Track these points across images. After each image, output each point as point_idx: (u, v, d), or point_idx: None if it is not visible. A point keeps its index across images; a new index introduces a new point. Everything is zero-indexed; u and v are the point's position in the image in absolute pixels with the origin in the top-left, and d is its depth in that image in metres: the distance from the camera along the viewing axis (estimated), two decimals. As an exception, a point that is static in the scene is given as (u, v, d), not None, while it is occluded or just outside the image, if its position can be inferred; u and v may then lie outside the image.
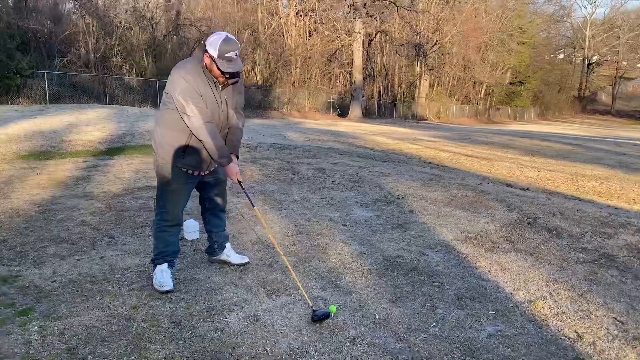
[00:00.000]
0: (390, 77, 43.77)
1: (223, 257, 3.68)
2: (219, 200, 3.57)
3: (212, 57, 2.99)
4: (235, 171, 3.24)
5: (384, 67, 42.94)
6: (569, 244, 4.34)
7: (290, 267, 3.30)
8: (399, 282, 3.47)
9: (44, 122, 10.66)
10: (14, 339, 2.62)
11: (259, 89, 31.13)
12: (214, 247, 3.68)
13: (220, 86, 3.14)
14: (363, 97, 38.28)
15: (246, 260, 3.71)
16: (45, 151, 7.84)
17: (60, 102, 21.03)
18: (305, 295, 3.12)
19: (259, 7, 34.02)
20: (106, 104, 21.46)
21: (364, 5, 31.92)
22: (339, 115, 34.36)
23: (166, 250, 3.35)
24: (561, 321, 2.98)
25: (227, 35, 2.99)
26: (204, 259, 3.79)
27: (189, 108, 3.01)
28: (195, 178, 3.34)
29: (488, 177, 8.07)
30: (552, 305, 3.17)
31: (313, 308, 3.01)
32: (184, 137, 3.15)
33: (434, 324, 2.91)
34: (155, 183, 3.42)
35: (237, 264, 3.67)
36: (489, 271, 3.70)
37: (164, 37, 26.93)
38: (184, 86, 3.00)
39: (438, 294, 3.30)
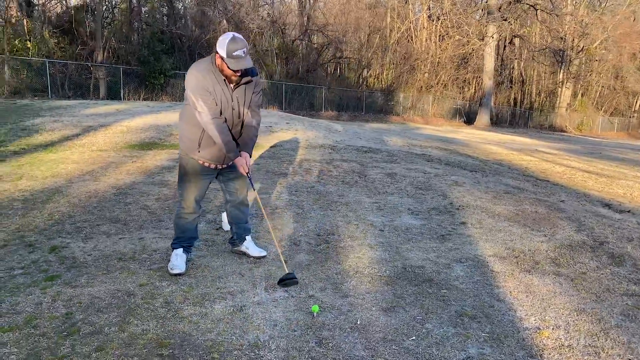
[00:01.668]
0: (527, 84, 41.11)
1: (243, 248, 3.84)
2: (239, 194, 3.72)
3: (222, 58, 3.15)
4: (241, 163, 3.37)
5: (521, 73, 40.44)
6: (626, 273, 3.81)
7: (271, 230, 3.36)
8: (404, 292, 3.34)
9: (165, 117, 11.80)
10: (31, 299, 3.02)
11: (382, 93, 31.17)
12: (234, 239, 3.86)
13: (232, 85, 3.29)
14: (494, 104, 36.45)
15: (264, 254, 3.83)
16: (151, 142, 8.71)
17: (196, 100, 23.01)
18: (282, 259, 3.25)
19: (388, 12, 34.05)
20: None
21: (499, 8, 30.38)
22: (465, 122, 33.14)
23: (183, 236, 3.60)
24: (560, 354, 2.66)
25: (234, 35, 3.13)
26: (228, 248, 3.98)
27: (199, 104, 3.21)
28: (211, 171, 3.53)
29: (586, 195, 7.29)
30: (560, 336, 2.84)
31: (288, 272, 3.22)
32: (199, 132, 3.36)
33: (414, 337, 2.78)
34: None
35: (254, 257, 3.80)
36: (510, 292, 3.40)
37: (293, 42, 28.16)
38: (194, 83, 3.20)
39: (437, 309, 3.12)
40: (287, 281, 3.22)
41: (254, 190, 3.59)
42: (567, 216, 5.29)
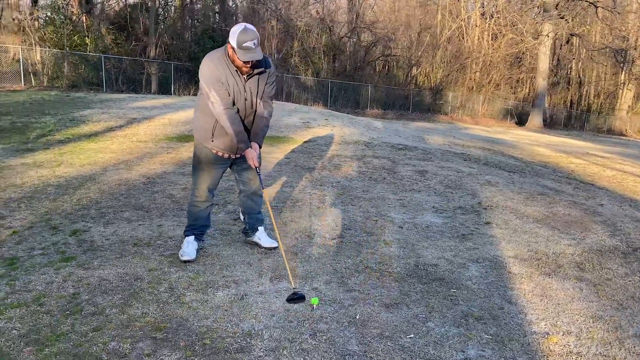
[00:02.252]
0: (585, 85, 39.40)
1: (255, 239, 3.86)
2: (252, 184, 3.74)
3: (233, 48, 3.16)
4: (251, 156, 3.39)
5: (579, 74, 38.79)
6: (657, 282, 3.56)
7: (277, 231, 3.34)
8: (411, 290, 3.25)
9: (206, 111, 12.02)
10: (43, 279, 3.13)
11: (431, 92, 30.64)
12: (247, 229, 3.88)
13: (244, 76, 3.30)
14: (548, 105, 35.16)
15: (275, 245, 3.82)
16: (189, 135, 8.89)
17: (243, 96, 23.35)
18: (290, 273, 3.22)
19: (439, 10, 33.44)
20: (282, 100, 23.17)
21: (556, 6, 29.21)
22: (516, 123, 32.10)
23: (195, 224, 3.64)
24: (565, 362, 2.52)
25: (245, 26, 3.13)
26: (242, 239, 4.00)
27: (211, 95, 3.24)
28: (224, 160, 3.56)
29: (633, 200, 6.89)
30: (569, 343, 2.69)
31: (294, 289, 3.08)
32: (213, 121, 3.39)
33: (412, 335, 2.70)
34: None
35: (265, 248, 3.81)
36: (524, 295, 3.25)
37: (340, 40, 28.11)
38: (207, 74, 3.24)
39: (443, 308, 3.02)
40: (295, 299, 3.09)
41: (263, 188, 3.60)
42: (602, 220, 5.01)
